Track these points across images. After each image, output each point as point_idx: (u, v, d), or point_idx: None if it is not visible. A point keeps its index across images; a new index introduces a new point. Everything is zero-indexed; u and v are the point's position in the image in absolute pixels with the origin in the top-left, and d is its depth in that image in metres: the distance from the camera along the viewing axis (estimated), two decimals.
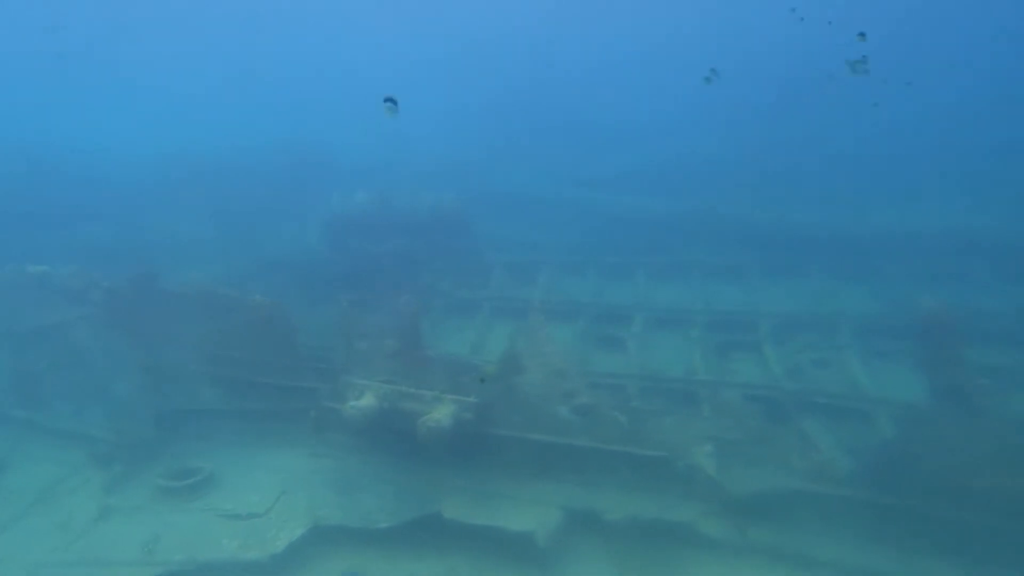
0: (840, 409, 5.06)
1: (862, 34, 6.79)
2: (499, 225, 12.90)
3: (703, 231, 10.32)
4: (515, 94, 22.75)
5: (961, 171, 9.94)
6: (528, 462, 4.95)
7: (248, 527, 4.42)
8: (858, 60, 5.89)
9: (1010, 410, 4.39)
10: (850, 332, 6.22)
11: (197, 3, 33.26)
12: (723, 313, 7.33)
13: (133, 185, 14.35)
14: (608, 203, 12.66)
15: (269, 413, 5.72)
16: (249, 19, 33.97)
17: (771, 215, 9.59)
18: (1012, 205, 7.84)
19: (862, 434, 4.64)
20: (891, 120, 13.64)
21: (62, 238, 10.99)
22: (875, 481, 3.81)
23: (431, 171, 15.83)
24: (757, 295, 7.69)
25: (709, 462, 4.59)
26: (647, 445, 4.74)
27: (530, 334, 5.60)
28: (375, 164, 16.82)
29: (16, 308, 6.25)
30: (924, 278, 6.78)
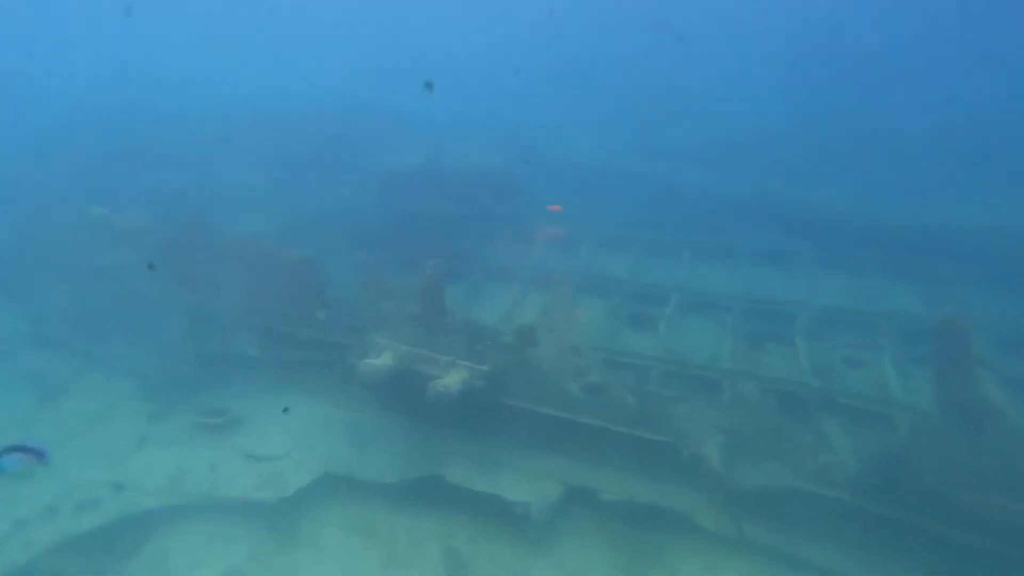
0: (863, 412, 4.69)
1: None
2: (552, 193, 12.69)
3: (759, 213, 9.68)
4: (587, 64, 21.86)
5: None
6: (535, 435, 4.97)
7: (266, 469, 4.76)
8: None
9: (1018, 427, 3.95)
10: (891, 334, 5.68)
11: None
12: (762, 301, 6.90)
13: (214, 129, 15.06)
14: (667, 176, 12.09)
15: (300, 363, 6.03)
16: None
17: (830, 201, 8.80)
18: None
19: (880, 440, 4.28)
20: (970, 105, 11.95)
21: (143, 182, 11.81)
22: (874, 489, 3.54)
23: (493, 138, 15.72)
24: (803, 285, 7.15)
25: (716, 453, 4.42)
26: (655, 430, 4.62)
27: (551, 309, 5.51)
28: (443, 127, 16.88)
29: (81, 247, 6.86)
30: (981, 281, 6.04)
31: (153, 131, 13.91)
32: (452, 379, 4.84)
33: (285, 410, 5.35)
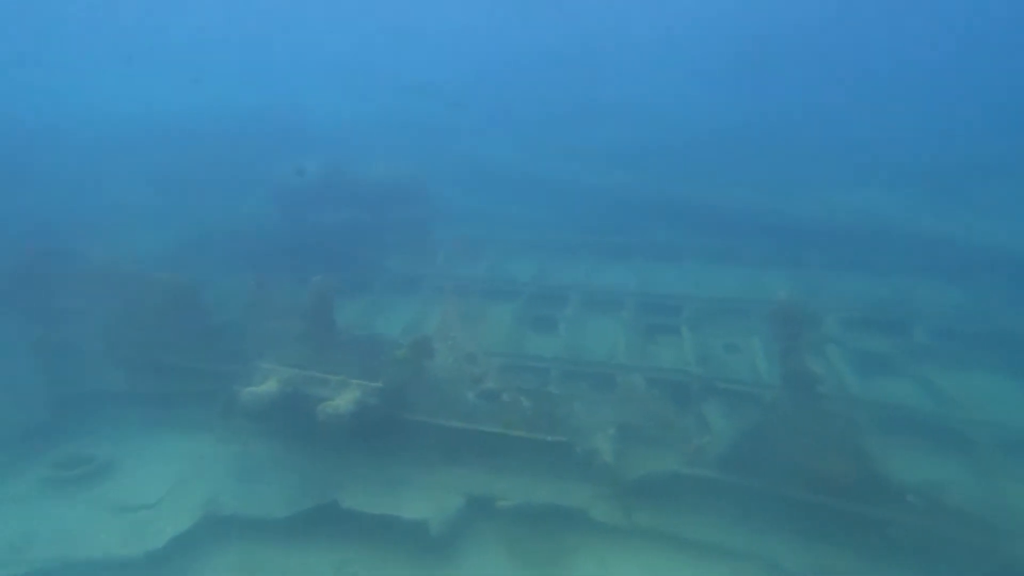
0: (738, 394, 5.06)
1: None
2: (463, 198, 12.65)
3: (660, 211, 10.21)
4: (512, 66, 22.02)
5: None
6: (434, 448, 4.90)
7: (134, 520, 4.31)
8: None
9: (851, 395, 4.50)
10: (762, 319, 6.19)
11: None
12: (655, 296, 7.26)
13: (91, 147, 13.59)
14: (579, 178, 12.38)
15: (176, 396, 5.55)
16: None
17: (726, 197, 9.46)
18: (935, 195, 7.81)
19: (745, 418, 4.64)
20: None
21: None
22: (740, 464, 3.83)
23: (402, 142, 15.44)
24: (692, 278, 7.62)
25: (608, 446, 4.58)
26: (550, 430, 4.70)
27: (445, 318, 5.46)
28: (349, 133, 16.30)
29: None
30: (838, 266, 6.76)
31: (17, 151, 12.36)
32: (343, 400, 4.65)
33: None
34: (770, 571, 3.50)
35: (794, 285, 6.93)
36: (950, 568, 3.22)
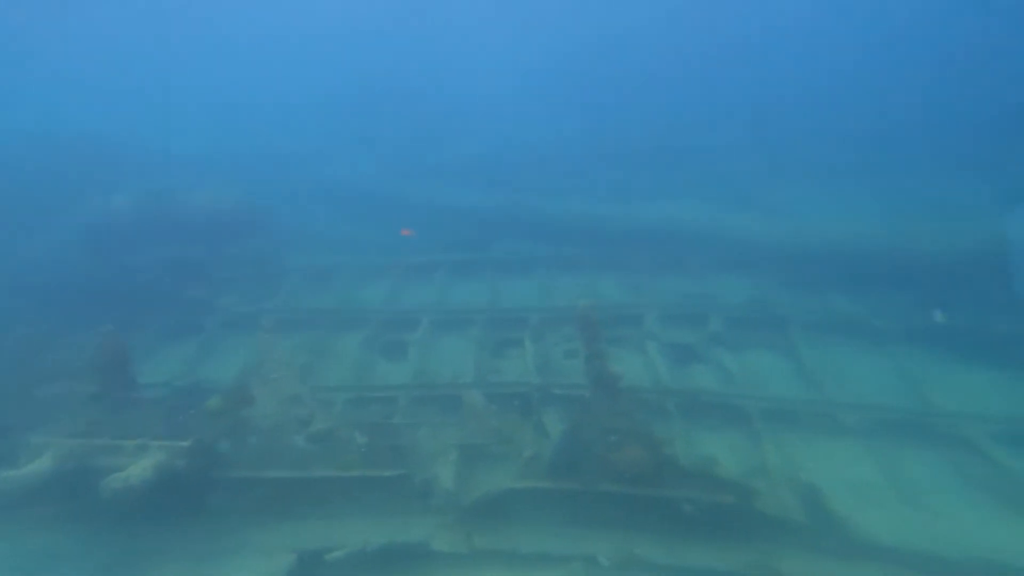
0: (574, 399, 5.32)
1: None
2: (314, 224, 11.93)
3: (510, 225, 10.51)
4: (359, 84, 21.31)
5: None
6: (262, 503, 4.43)
7: None
8: None
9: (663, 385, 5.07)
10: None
11: None
12: (504, 310, 7.43)
13: None
14: (435, 196, 12.27)
15: None
16: None
17: (576, 208, 10.00)
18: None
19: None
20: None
21: None
22: (563, 468, 4.00)
23: (239, 169, 14.22)
24: (538, 290, 7.93)
25: (449, 471, 4.50)
26: (390, 464, 4.51)
27: (262, 357, 5.01)
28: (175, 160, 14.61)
29: None
30: (659, 267, 7.51)
31: None
32: (138, 468, 4.01)
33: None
34: (588, 569, 3.64)
35: (623, 288, 7.53)
36: (729, 532, 3.63)
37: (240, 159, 14.61)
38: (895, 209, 7.34)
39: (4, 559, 4.22)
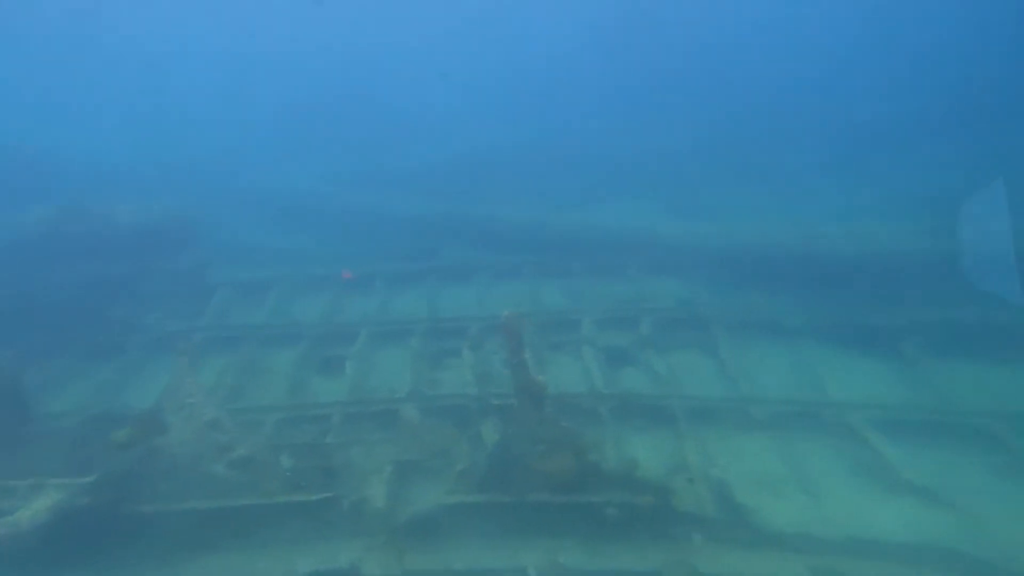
0: (513, 408, 5.32)
1: None
2: (250, 235, 11.48)
3: (452, 232, 10.43)
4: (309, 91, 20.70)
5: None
6: (179, 540, 4.19)
7: None
8: None
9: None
10: (533, 330, 6.68)
11: None
12: (443, 320, 7.36)
13: None
14: (378, 205, 12.01)
15: None
16: None
17: (503, 214, 10.03)
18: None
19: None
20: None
21: None
22: (496, 481, 4.00)
23: (167, 178, 13.56)
24: (477, 297, 7.91)
25: (382, 490, 4.41)
26: (319, 487, 4.36)
27: (176, 381, 4.76)
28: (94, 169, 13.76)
29: None
30: (597, 272, 7.66)
31: None
32: (30, 510, 3.72)
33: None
34: None
35: (563, 294, 7.61)
36: (649, 532, 3.73)
37: (172, 169, 13.94)
38: (821, 210, 7.78)
39: None
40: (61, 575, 3.88)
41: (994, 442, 4.44)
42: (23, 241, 8.94)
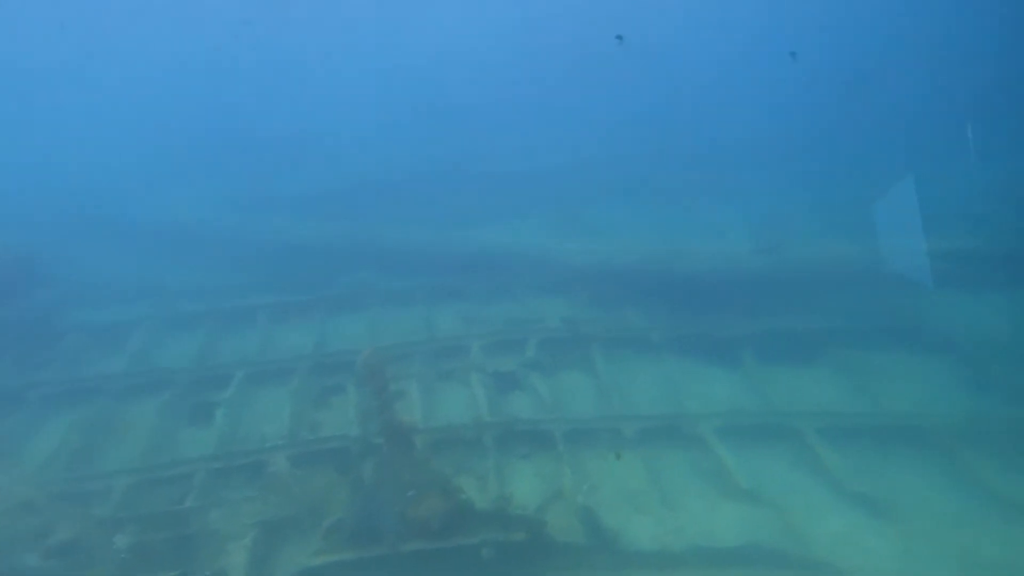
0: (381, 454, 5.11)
1: None
2: (110, 269, 10.30)
3: (354, 257, 9.98)
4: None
5: None
6: None
7: None
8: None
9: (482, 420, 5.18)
10: (423, 360, 6.53)
11: None
12: (330, 354, 6.98)
13: None
14: (269, 231, 11.22)
15: None
16: None
17: (399, 237, 9.78)
18: None
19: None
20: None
21: None
22: (366, 535, 3.78)
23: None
24: (371, 326, 7.61)
25: (243, 557, 4.01)
26: (160, 566, 3.88)
27: None
28: None
29: None
30: (489, 295, 7.68)
31: None
32: None
33: None
34: None
35: (455, 317, 7.51)
36: (523, 569, 3.69)
37: (27, 199, 12.33)
38: (692, 227, 8.29)
39: None
40: None
41: (800, 441, 4.79)
42: None
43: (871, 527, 4.10)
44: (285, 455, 5.12)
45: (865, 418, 4.95)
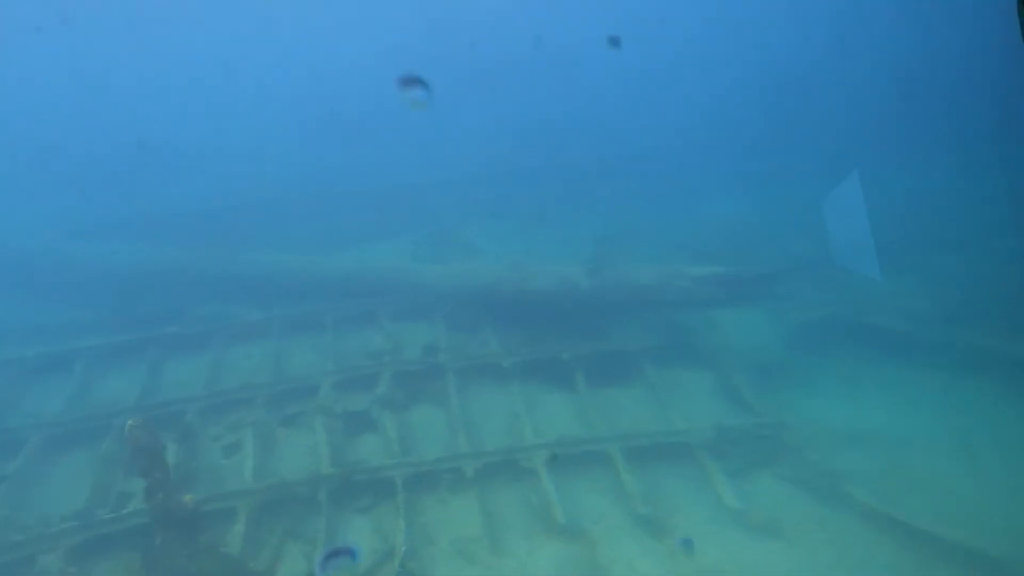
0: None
1: None
2: None
3: (209, 285, 8.89)
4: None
5: None
6: None
7: None
8: None
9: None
10: (265, 405, 5.86)
11: None
12: (155, 404, 6.08)
13: None
14: (118, 257, 9.71)
15: None
16: None
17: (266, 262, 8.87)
18: None
19: None
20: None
21: None
22: None
23: None
24: (215, 368, 6.75)
25: None
26: None
27: None
28: None
29: None
30: (348, 324, 7.17)
31: None
32: None
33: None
34: None
35: (310, 351, 6.87)
36: None
37: None
38: (551, 245, 8.25)
39: None
40: None
41: (611, 466, 4.74)
42: None
43: (652, 550, 4.09)
44: (66, 546, 4.23)
45: (656, 437, 4.98)
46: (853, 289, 7.00)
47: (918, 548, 3.92)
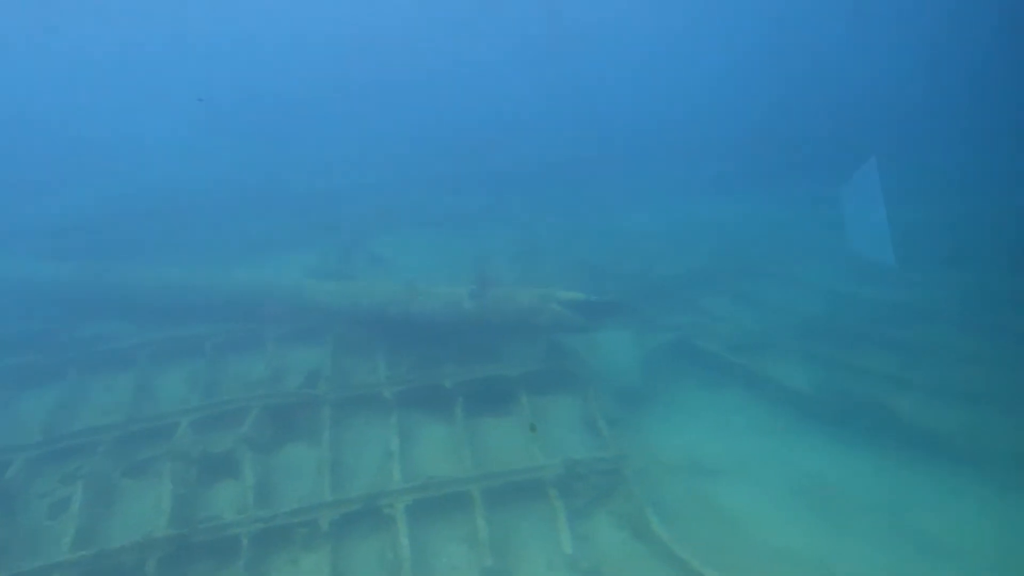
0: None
1: None
2: None
3: (88, 305, 7.80)
4: None
5: None
6: None
7: None
8: None
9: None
10: (108, 451, 5.03)
11: None
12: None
13: None
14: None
15: None
16: None
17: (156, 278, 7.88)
18: None
19: None
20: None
21: None
22: None
23: None
24: (63, 406, 5.81)
25: None
26: None
27: None
28: None
29: None
30: (232, 349, 6.43)
31: None
32: None
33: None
34: None
35: (181, 383, 6.04)
36: None
37: None
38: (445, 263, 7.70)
39: None
40: None
41: (469, 510, 4.31)
42: None
43: None
44: None
45: (514, 476, 4.54)
46: (701, 313, 7.07)
47: None
